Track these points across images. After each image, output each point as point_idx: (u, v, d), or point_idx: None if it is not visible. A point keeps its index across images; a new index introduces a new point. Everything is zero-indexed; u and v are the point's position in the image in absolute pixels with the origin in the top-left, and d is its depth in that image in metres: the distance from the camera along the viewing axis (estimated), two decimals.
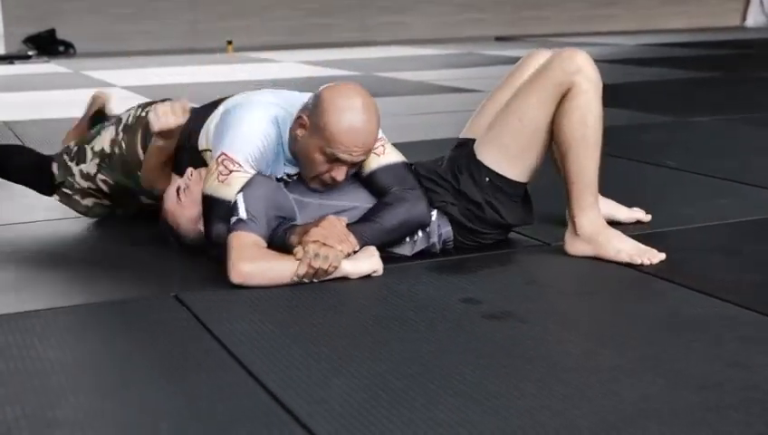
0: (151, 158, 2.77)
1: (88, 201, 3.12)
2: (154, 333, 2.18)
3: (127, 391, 1.87)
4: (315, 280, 2.45)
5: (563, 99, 2.59)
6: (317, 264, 2.42)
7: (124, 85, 7.80)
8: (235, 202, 2.49)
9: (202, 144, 2.72)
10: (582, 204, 2.65)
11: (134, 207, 3.13)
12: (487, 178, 2.69)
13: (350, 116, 2.47)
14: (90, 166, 3.02)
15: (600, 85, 2.62)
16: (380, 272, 2.53)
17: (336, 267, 2.45)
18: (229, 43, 12.12)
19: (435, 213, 2.71)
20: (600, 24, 14.46)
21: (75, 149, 3.08)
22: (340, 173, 2.53)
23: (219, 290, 2.44)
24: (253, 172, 2.53)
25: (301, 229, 2.53)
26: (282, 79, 2.27)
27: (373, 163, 2.63)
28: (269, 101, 2.64)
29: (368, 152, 2.56)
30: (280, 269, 2.44)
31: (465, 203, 2.71)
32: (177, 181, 2.73)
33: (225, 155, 2.52)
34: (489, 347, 2.06)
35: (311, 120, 2.49)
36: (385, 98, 6.54)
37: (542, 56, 2.79)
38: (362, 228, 2.54)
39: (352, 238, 2.50)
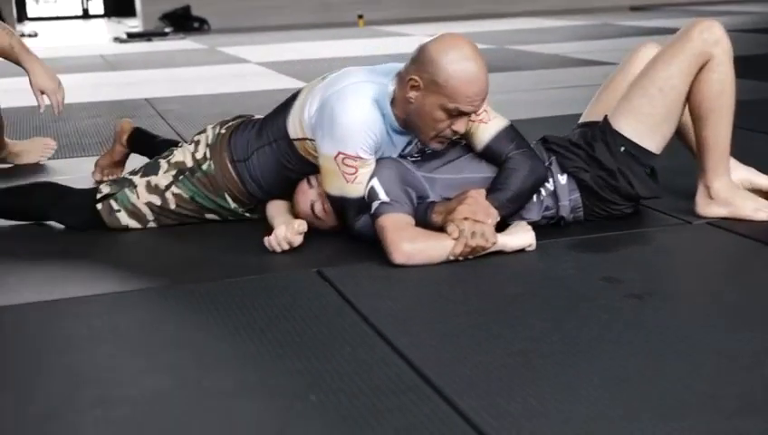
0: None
1: (130, 222, 2.90)
2: (298, 307, 2.25)
3: (274, 364, 1.94)
4: (471, 257, 2.49)
5: (702, 69, 2.66)
6: (474, 242, 2.46)
7: (258, 61, 7.96)
8: (372, 187, 2.53)
9: (295, 133, 2.67)
10: (718, 171, 2.75)
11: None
12: (623, 148, 2.71)
13: (467, 66, 2.43)
14: (163, 178, 2.87)
15: (732, 55, 2.71)
16: (534, 246, 2.55)
17: (494, 243, 2.49)
18: (360, 17, 12.21)
19: (565, 177, 2.72)
20: None
21: (142, 166, 2.96)
22: (461, 125, 2.51)
23: (360, 265, 2.50)
24: (374, 159, 2.55)
25: (441, 207, 2.56)
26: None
27: (485, 134, 2.62)
28: (362, 80, 2.57)
29: (485, 99, 2.52)
30: (438, 248, 2.47)
31: (597, 170, 2.72)
32: (308, 193, 2.73)
33: (344, 154, 2.51)
34: (630, 326, 2.06)
35: (423, 79, 2.44)
36: (516, 72, 6.52)
37: (651, 50, 2.82)
38: (497, 198, 2.56)
39: (493, 210, 2.53)
